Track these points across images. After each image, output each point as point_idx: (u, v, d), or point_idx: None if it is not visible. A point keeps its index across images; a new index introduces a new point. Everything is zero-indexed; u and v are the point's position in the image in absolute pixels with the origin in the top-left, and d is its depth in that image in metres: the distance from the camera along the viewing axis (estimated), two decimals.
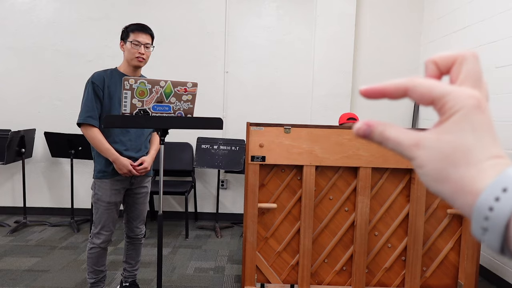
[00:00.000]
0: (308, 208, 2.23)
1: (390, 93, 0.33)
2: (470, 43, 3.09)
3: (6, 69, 3.95)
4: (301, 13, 3.97)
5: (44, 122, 3.97)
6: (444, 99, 0.30)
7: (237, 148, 3.65)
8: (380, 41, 4.00)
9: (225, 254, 3.15)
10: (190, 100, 1.75)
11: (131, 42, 2.04)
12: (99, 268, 2.17)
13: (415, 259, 2.26)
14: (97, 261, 2.15)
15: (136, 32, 2.05)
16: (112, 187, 2.08)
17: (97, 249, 2.12)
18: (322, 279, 2.31)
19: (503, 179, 0.27)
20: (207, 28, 3.95)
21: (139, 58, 2.05)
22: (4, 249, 3.10)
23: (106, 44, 3.93)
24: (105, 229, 2.10)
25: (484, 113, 0.30)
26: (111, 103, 2.05)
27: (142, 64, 2.11)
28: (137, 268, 2.37)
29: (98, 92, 2.02)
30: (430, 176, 0.31)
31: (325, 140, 2.21)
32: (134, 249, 2.32)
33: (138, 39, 2.04)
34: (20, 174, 4.00)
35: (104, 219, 2.09)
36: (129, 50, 2.05)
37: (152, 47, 2.15)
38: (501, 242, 0.27)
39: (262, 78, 4.00)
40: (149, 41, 2.09)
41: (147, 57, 2.11)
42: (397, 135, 0.32)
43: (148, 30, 2.10)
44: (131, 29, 2.07)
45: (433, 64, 0.33)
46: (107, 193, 2.07)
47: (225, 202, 4.10)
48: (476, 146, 0.29)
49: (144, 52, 2.06)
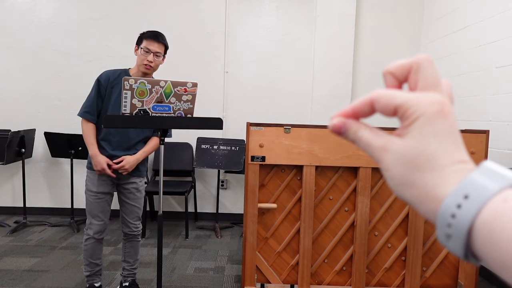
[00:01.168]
0: (308, 208, 2.23)
1: (360, 110, 0.33)
2: (470, 43, 3.09)
3: (6, 69, 3.95)
4: (301, 13, 3.97)
5: (44, 122, 3.97)
6: (406, 105, 0.30)
7: (237, 148, 3.65)
8: (380, 41, 4.00)
9: (225, 254, 3.15)
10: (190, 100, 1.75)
11: (142, 49, 2.10)
12: (95, 261, 2.23)
13: (415, 259, 2.26)
14: (92, 253, 2.21)
15: (149, 40, 2.10)
16: (100, 178, 2.15)
17: (91, 240, 2.18)
18: (322, 279, 2.31)
19: (465, 186, 0.27)
20: (207, 28, 3.95)
21: (147, 66, 2.10)
22: (4, 249, 3.10)
23: (106, 44, 3.93)
24: (96, 218, 2.16)
25: (447, 118, 0.30)
26: (108, 103, 2.13)
27: (149, 72, 2.14)
28: (136, 267, 2.38)
29: (101, 90, 2.10)
30: (395, 180, 0.31)
31: (325, 140, 2.21)
32: (131, 247, 2.33)
33: (149, 47, 2.09)
34: (20, 174, 4.00)
35: (93, 208, 2.16)
36: (139, 56, 2.12)
37: (163, 56, 2.17)
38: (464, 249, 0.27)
39: (262, 78, 4.00)
40: (160, 50, 2.12)
41: (156, 66, 2.14)
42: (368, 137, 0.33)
43: (161, 39, 2.13)
44: (146, 36, 2.12)
45: (390, 75, 0.34)
46: (95, 183, 2.15)
47: (225, 202, 4.10)
48: (439, 151, 0.29)
49: (153, 60, 2.10)
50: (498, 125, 2.70)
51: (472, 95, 3.03)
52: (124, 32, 3.90)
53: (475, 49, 3.02)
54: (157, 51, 2.10)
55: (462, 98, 3.16)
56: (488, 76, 2.83)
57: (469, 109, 3.06)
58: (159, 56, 2.13)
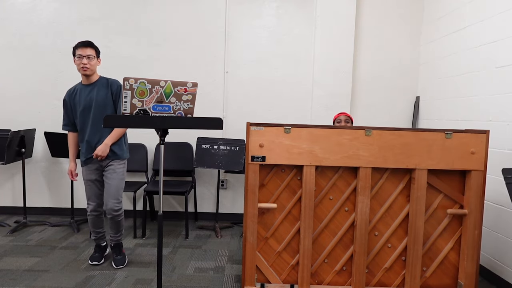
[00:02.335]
0: (308, 208, 2.23)
1: None
2: (470, 43, 3.09)
3: (6, 69, 3.95)
4: (301, 13, 3.97)
5: (44, 122, 3.97)
6: None
7: (237, 148, 3.65)
8: (380, 41, 4.00)
9: (225, 254, 3.15)
10: (190, 100, 1.75)
11: (76, 56, 2.57)
12: (97, 229, 2.85)
13: (415, 259, 2.26)
14: (94, 224, 2.82)
15: (79, 48, 2.57)
16: (87, 169, 2.74)
17: (91, 216, 2.79)
18: (322, 279, 2.31)
19: None
20: (207, 28, 3.95)
21: (83, 68, 2.57)
22: (4, 249, 3.10)
23: (106, 44, 3.93)
24: (90, 200, 2.77)
25: None
26: (77, 112, 2.68)
27: (88, 73, 2.60)
28: (119, 236, 2.86)
29: (68, 106, 2.71)
30: None
31: (325, 140, 2.21)
32: (113, 223, 2.78)
33: (80, 53, 2.56)
34: (20, 174, 4.00)
35: (87, 192, 2.77)
36: (76, 63, 2.59)
37: (97, 58, 2.65)
38: None
39: (262, 78, 4.00)
40: (91, 53, 2.58)
41: (92, 66, 2.59)
42: None
43: (88, 44, 2.58)
44: (76, 46, 2.58)
45: None
46: (85, 173, 2.75)
47: (225, 202, 4.10)
48: None
49: (87, 62, 2.56)
50: (498, 125, 2.70)
51: (472, 95, 3.03)
52: (124, 32, 3.90)
53: (475, 49, 3.02)
54: (88, 54, 2.56)
55: (462, 98, 3.16)
56: (488, 76, 2.83)
57: (469, 109, 3.06)
58: (91, 58, 2.58)
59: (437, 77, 3.61)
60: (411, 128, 3.53)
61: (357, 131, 2.21)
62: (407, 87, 4.04)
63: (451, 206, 2.30)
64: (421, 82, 3.98)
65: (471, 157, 2.23)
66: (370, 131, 2.22)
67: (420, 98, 3.97)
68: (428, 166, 2.23)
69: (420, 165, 2.23)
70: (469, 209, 2.24)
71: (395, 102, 4.05)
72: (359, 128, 2.22)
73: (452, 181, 2.30)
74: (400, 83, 4.03)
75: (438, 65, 3.61)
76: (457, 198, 2.29)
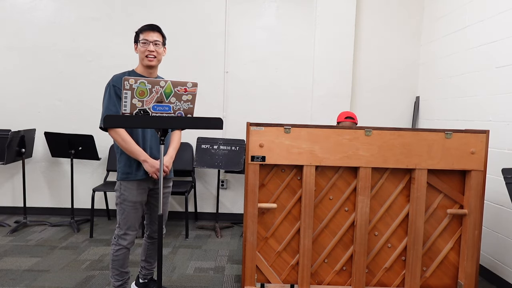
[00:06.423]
0: (308, 208, 2.23)
1: None
2: (470, 43, 3.09)
3: (6, 69, 3.95)
4: (301, 13, 3.97)
5: (44, 122, 3.97)
6: None
7: (237, 148, 3.65)
8: (380, 41, 4.00)
9: (225, 254, 3.16)
10: (190, 100, 1.75)
11: (141, 41, 2.07)
12: (125, 269, 2.16)
13: (415, 259, 2.26)
14: (123, 263, 2.14)
15: (145, 31, 2.08)
16: (138, 187, 2.10)
17: (123, 250, 2.12)
18: (322, 279, 2.31)
19: None
20: (207, 28, 3.95)
21: (149, 56, 2.06)
22: (4, 249, 3.10)
23: (106, 44, 3.93)
24: (131, 229, 2.11)
25: None
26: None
27: (154, 63, 2.09)
28: (154, 266, 2.43)
29: (118, 93, 2.03)
30: None
31: (325, 140, 2.21)
32: (154, 249, 2.35)
33: (146, 38, 2.07)
34: (20, 174, 4.00)
35: (131, 219, 2.10)
36: (140, 49, 2.08)
37: (163, 46, 2.14)
38: None
39: (262, 78, 4.00)
40: (158, 38, 2.09)
41: (158, 55, 2.10)
42: None
43: (156, 28, 2.10)
44: (141, 30, 2.10)
45: None
46: (134, 193, 2.09)
47: (225, 202, 4.10)
48: None
49: (154, 50, 2.06)
50: (498, 125, 2.70)
51: (472, 95, 3.03)
52: (124, 32, 3.90)
53: (475, 49, 3.02)
54: (155, 40, 2.07)
55: (462, 98, 3.16)
56: (488, 76, 2.83)
57: (469, 109, 3.06)
58: (159, 45, 2.09)
59: (437, 77, 3.61)
60: (411, 128, 3.53)
61: (357, 131, 2.22)
62: (407, 87, 4.04)
63: (451, 206, 2.30)
64: (421, 82, 3.98)
65: (471, 157, 2.23)
66: (370, 131, 2.22)
67: (420, 98, 3.97)
68: (428, 166, 2.23)
69: (420, 165, 2.23)
70: (469, 209, 2.24)
71: (395, 102, 4.05)
72: (359, 128, 2.22)
73: (452, 181, 2.30)
74: (400, 83, 4.03)
75: (438, 65, 3.61)
76: (457, 198, 2.29)
